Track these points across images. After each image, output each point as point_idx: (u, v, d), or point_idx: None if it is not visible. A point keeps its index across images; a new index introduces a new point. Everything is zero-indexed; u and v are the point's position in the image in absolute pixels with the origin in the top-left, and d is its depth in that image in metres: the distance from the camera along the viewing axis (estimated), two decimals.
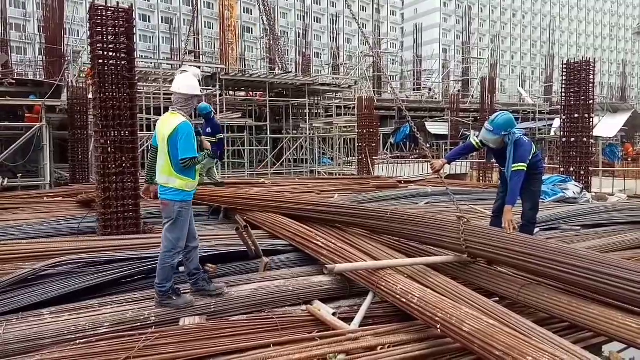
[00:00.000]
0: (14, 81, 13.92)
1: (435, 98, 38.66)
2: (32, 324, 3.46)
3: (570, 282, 3.72)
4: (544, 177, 10.46)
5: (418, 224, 4.86)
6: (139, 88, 12.54)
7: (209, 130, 9.50)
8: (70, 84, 15.02)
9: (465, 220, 4.49)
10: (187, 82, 3.98)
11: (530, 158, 4.73)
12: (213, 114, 9.93)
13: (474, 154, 14.67)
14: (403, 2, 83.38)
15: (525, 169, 4.63)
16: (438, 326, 3.27)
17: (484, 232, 4.40)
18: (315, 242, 4.96)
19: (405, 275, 4.18)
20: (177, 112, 3.93)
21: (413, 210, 7.66)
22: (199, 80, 4.11)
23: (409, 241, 5.12)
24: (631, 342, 3.17)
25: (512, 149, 4.66)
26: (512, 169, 4.61)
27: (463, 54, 45.78)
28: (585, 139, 10.87)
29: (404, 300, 3.65)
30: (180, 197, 3.88)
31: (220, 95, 19.96)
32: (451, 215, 5.07)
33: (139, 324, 3.61)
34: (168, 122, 3.89)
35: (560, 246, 4.03)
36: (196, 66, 20.79)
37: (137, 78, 7.01)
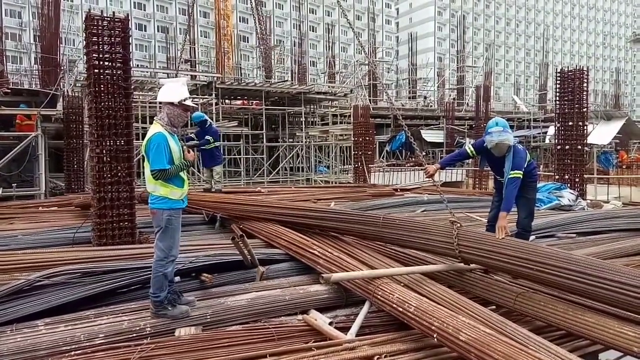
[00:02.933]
0: (9, 90, 13.91)
1: (431, 106, 38.85)
2: (27, 336, 3.43)
3: (565, 286, 3.71)
4: (539, 185, 10.56)
5: (411, 229, 4.84)
6: (134, 97, 12.55)
7: (208, 138, 9.57)
8: (65, 93, 15.01)
9: (459, 225, 4.48)
10: (163, 89, 3.98)
11: (525, 166, 4.76)
12: (209, 123, 9.98)
13: (470, 161, 14.71)
14: (398, 11, 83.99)
15: (522, 176, 4.65)
16: (435, 335, 3.27)
17: (477, 237, 4.39)
18: (311, 251, 4.96)
19: (402, 284, 4.18)
20: (158, 122, 3.94)
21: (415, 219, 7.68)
22: (189, 90, 4.08)
23: (401, 247, 5.10)
24: (627, 350, 3.18)
25: (511, 155, 4.69)
26: (509, 176, 4.63)
27: (458, 62, 46.06)
28: (579, 147, 10.93)
29: (401, 309, 3.65)
30: (168, 205, 3.87)
31: (217, 104, 20.00)
32: (447, 222, 5.07)
33: (134, 334, 3.59)
34: (148, 133, 3.92)
35: (554, 250, 4.04)
36: (191, 77, 20.92)
37: (132, 87, 7.02)
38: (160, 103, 4.01)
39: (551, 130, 21.24)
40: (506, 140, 4.69)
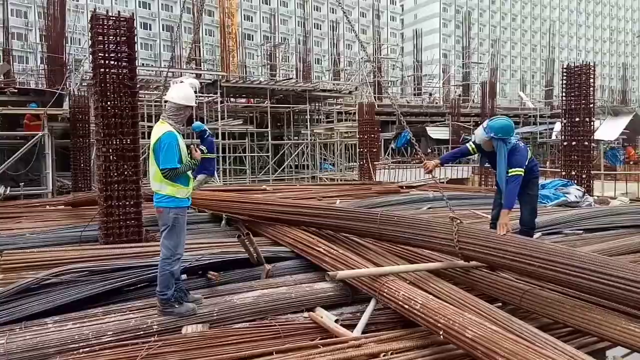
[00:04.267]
0: (16, 90, 13.99)
1: (436, 103, 38.74)
2: (36, 334, 3.46)
3: (569, 283, 3.63)
4: (546, 182, 10.51)
5: (410, 226, 4.76)
6: (140, 96, 12.59)
7: (202, 148, 9.70)
8: (72, 92, 15.09)
9: (459, 221, 4.43)
10: (181, 92, 3.99)
11: (526, 163, 4.73)
12: (208, 134, 10.07)
13: (476, 157, 14.70)
14: (403, 8, 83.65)
15: (523, 174, 4.62)
16: (441, 332, 3.26)
17: (478, 233, 4.32)
18: (317, 248, 4.96)
19: (408, 282, 4.18)
20: (166, 121, 3.95)
21: (415, 215, 7.66)
22: (195, 91, 4.11)
23: (400, 245, 5.03)
24: (635, 347, 3.17)
25: (502, 154, 4.64)
26: (509, 174, 4.60)
27: (463, 59, 45.89)
28: (586, 143, 10.87)
29: (407, 306, 3.65)
30: (174, 203, 3.90)
31: (222, 102, 20.02)
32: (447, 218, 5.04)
33: (141, 332, 3.61)
34: (155, 131, 3.93)
35: (557, 247, 3.97)
36: (196, 75, 20.96)
37: (138, 86, 7.04)
38: (168, 102, 4.02)
39: (558, 127, 21.14)
40: (478, 139, 4.81)
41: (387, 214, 5.20)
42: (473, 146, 5.05)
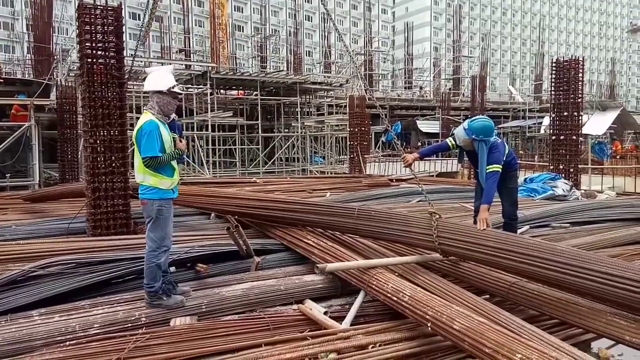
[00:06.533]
0: (2, 80, 13.80)
1: (427, 96, 38.83)
2: (22, 326, 3.43)
3: (550, 278, 3.58)
4: (534, 175, 10.61)
5: (388, 221, 4.69)
6: (128, 87, 12.47)
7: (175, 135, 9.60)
8: (59, 82, 14.90)
9: (438, 216, 4.40)
10: (149, 78, 3.96)
11: (503, 159, 4.76)
12: (172, 117, 9.93)
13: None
14: (394, 1, 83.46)
15: (500, 169, 4.65)
16: (429, 324, 3.28)
17: (458, 229, 4.29)
18: (306, 241, 4.96)
19: (396, 274, 4.19)
20: (149, 111, 3.92)
21: (404, 209, 7.71)
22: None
23: (378, 241, 4.96)
24: (619, 338, 3.21)
25: (483, 154, 4.65)
26: (487, 170, 4.63)
27: (454, 53, 45.94)
28: (574, 137, 10.97)
29: (395, 298, 3.66)
30: (158, 195, 3.85)
31: (211, 94, 19.89)
32: (442, 212, 5.06)
33: (129, 324, 3.59)
34: (138, 122, 3.90)
35: (537, 241, 3.96)
36: (185, 65, 20.76)
37: (126, 77, 6.96)
38: (147, 92, 3.99)
39: (546, 121, 21.29)
40: (459, 139, 4.79)
41: (364, 209, 5.07)
42: (453, 142, 5.02)
